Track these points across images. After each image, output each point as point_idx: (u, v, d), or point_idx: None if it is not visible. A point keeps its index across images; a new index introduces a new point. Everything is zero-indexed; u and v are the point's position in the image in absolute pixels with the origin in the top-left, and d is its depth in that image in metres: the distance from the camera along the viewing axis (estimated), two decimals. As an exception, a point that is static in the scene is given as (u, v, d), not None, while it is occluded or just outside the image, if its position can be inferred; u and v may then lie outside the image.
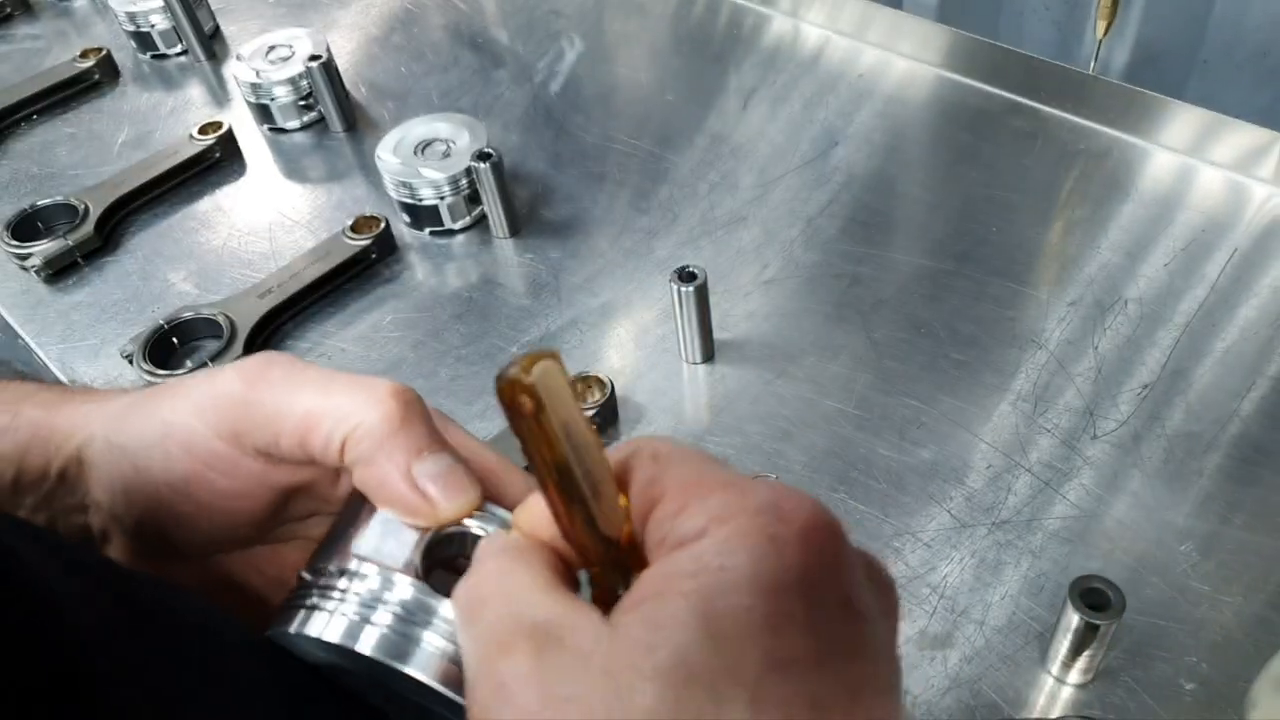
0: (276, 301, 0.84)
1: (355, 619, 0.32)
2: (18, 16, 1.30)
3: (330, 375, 0.35)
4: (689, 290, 0.72)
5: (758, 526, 0.26)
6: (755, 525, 0.26)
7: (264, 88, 1.04)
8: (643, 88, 1.06)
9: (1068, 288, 0.80)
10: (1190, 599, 0.61)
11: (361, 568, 0.32)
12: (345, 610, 0.32)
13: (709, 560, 0.26)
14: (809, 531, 0.26)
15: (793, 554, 0.26)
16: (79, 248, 0.92)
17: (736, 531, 0.26)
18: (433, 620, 0.31)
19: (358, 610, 0.32)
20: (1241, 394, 0.71)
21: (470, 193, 0.90)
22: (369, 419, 0.33)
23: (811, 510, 0.27)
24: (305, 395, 0.34)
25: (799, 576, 0.26)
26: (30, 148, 1.08)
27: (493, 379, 0.27)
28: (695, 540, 0.27)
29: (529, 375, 0.26)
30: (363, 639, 0.31)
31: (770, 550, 0.26)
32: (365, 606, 0.32)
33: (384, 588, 0.32)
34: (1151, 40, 0.98)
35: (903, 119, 0.98)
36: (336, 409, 0.33)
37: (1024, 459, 0.69)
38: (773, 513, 0.26)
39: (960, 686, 0.58)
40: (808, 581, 0.26)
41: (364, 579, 0.32)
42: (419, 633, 0.31)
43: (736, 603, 0.25)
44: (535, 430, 0.27)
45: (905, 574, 0.63)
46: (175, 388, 0.37)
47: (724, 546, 0.26)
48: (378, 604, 0.32)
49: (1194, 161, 0.88)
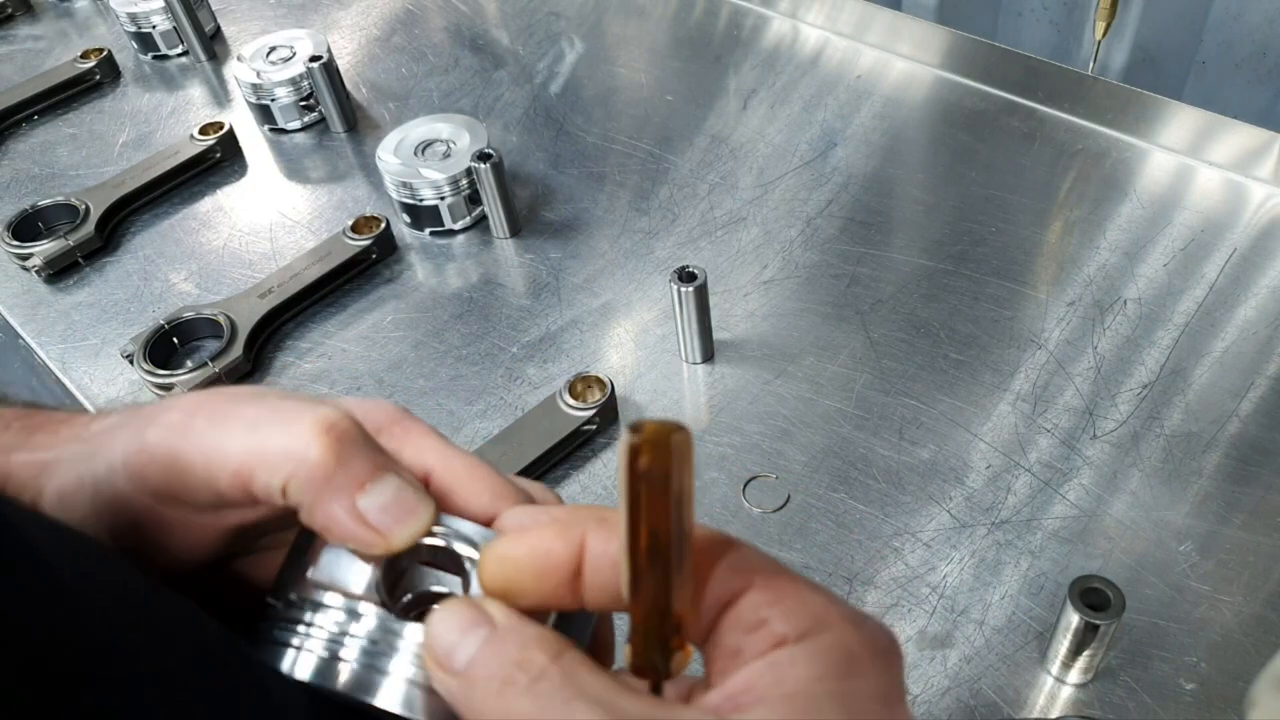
0: (277, 302, 0.84)
1: (323, 654, 0.31)
2: (19, 17, 1.30)
3: (257, 415, 0.32)
4: (689, 290, 0.73)
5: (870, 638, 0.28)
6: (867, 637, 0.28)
7: (265, 88, 1.04)
8: (643, 88, 1.07)
9: (1067, 288, 0.80)
10: (1190, 599, 0.61)
11: (324, 597, 0.32)
12: (311, 646, 0.31)
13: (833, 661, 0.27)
14: (895, 645, 0.29)
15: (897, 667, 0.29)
16: (80, 248, 0.92)
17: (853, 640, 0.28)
18: (399, 647, 0.31)
19: (324, 645, 0.31)
20: (1240, 394, 0.71)
21: (470, 193, 0.90)
22: (304, 461, 0.31)
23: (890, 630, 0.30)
24: (233, 443, 0.32)
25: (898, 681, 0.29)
26: (31, 148, 1.08)
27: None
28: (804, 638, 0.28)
29: (667, 443, 0.26)
30: (331, 675, 0.31)
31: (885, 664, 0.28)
32: (332, 641, 0.31)
33: (348, 619, 0.31)
34: (1150, 41, 0.98)
35: (901, 120, 0.98)
36: (268, 456, 0.31)
37: (1023, 459, 0.69)
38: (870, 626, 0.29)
39: (960, 686, 0.58)
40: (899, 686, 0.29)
41: (327, 610, 0.31)
42: (386, 663, 0.31)
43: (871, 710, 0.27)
44: (652, 494, 0.27)
45: (905, 574, 0.64)
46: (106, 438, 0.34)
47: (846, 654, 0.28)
48: (343, 636, 0.31)
49: (1192, 162, 0.88)
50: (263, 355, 0.83)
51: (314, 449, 0.31)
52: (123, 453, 0.33)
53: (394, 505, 0.31)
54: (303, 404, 0.33)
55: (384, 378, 0.80)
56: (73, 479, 0.34)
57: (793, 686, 0.27)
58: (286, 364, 0.82)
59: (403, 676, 0.31)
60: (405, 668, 0.30)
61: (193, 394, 0.35)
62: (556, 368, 0.79)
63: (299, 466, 0.31)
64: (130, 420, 0.34)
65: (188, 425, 0.33)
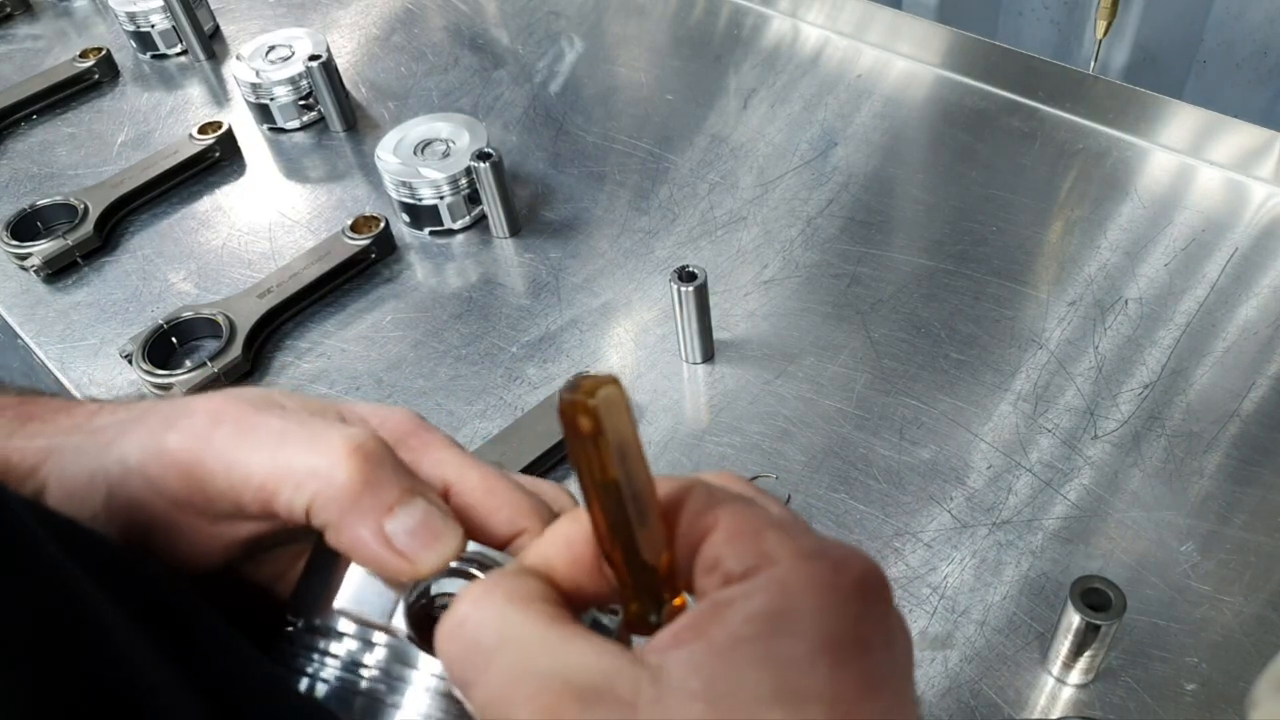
0: (276, 301, 0.84)
1: (337, 685, 0.31)
2: (18, 16, 1.30)
3: (283, 429, 0.32)
4: (689, 290, 0.72)
5: (815, 572, 0.26)
6: (813, 571, 0.26)
7: (264, 88, 1.04)
8: (643, 88, 1.06)
9: (1067, 287, 0.80)
10: (1190, 599, 0.61)
11: (342, 624, 0.31)
12: (327, 675, 0.31)
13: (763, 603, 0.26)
14: (868, 582, 0.27)
15: (856, 606, 0.26)
16: (78, 247, 0.92)
17: (794, 575, 0.26)
18: (416, 678, 0.31)
19: (340, 675, 0.31)
20: (1241, 394, 0.71)
21: (470, 193, 0.90)
22: (331, 482, 0.31)
23: (864, 560, 0.27)
24: (258, 458, 0.31)
25: (862, 628, 0.26)
26: (30, 147, 1.08)
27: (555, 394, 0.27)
28: (746, 576, 0.26)
29: (592, 398, 0.26)
30: (347, 704, 0.31)
31: (833, 602, 0.26)
32: (347, 670, 0.31)
33: (364, 648, 0.31)
34: (1150, 40, 0.98)
35: (902, 119, 0.98)
36: (293, 474, 0.31)
37: (1024, 459, 0.69)
38: (827, 559, 0.27)
39: (961, 687, 0.58)
40: (868, 634, 0.26)
41: (343, 638, 0.31)
42: (400, 698, 0.30)
43: (801, 654, 0.25)
44: (591, 451, 0.27)
45: (905, 574, 0.63)
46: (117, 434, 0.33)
47: (781, 589, 0.26)
48: (360, 665, 0.31)
49: (1193, 161, 0.88)
50: (262, 355, 0.83)
51: (341, 470, 0.30)
52: (140, 455, 0.32)
53: (422, 529, 0.31)
54: (329, 420, 0.32)
55: (383, 378, 0.80)
56: (83, 475, 0.33)
57: (719, 627, 0.26)
58: (286, 364, 0.82)
59: (418, 711, 0.30)
60: (421, 701, 0.30)
61: (214, 397, 0.34)
62: (556, 368, 0.79)
63: (326, 486, 0.30)
64: (145, 418, 0.34)
65: (211, 434, 0.32)
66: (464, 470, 0.34)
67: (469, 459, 0.35)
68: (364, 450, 0.31)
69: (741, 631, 0.25)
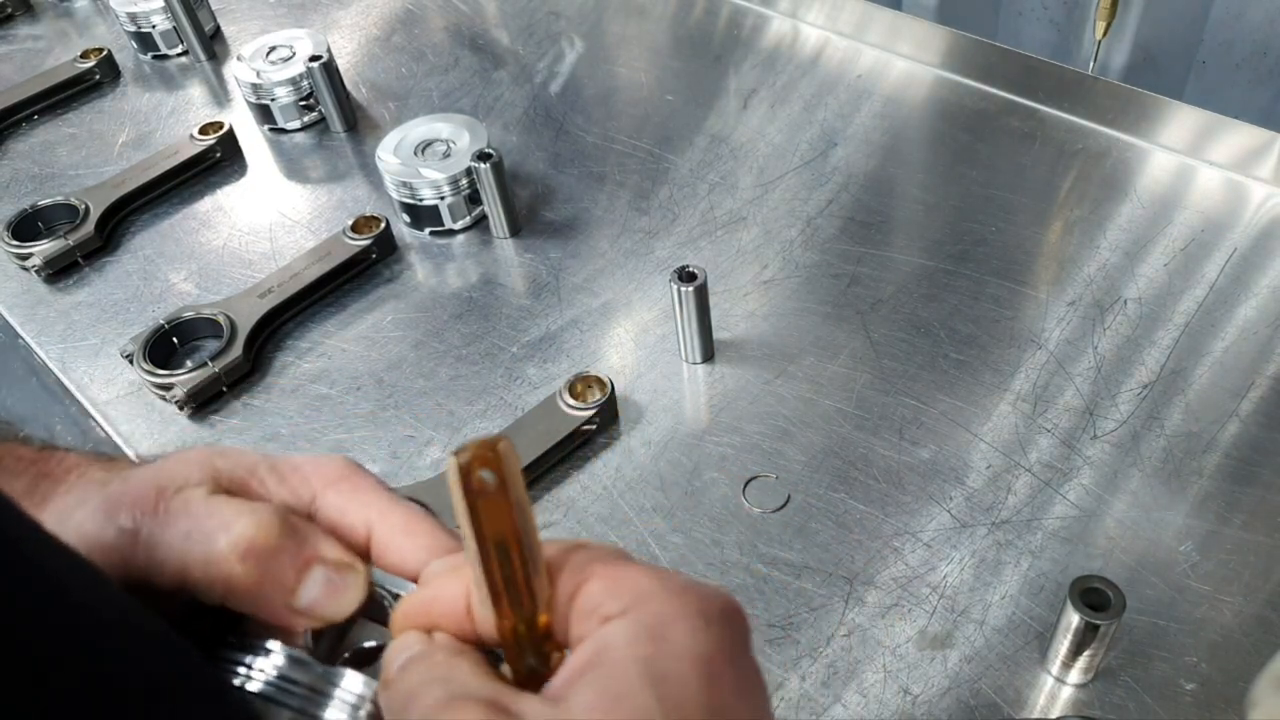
0: (277, 301, 0.84)
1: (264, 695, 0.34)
2: (19, 17, 1.30)
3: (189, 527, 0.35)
4: (689, 290, 0.73)
5: (686, 602, 0.31)
6: (684, 604, 0.30)
7: (265, 88, 1.04)
8: (643, 88, 1.06)
9: (1067, 288, 0.80)
10: (1190, 599, 0.61)
11: (268, 642, 0.35)
12: (252, 688, 0.34)
13: (643, 631, 0.30)
14: (729, 611, 0.32)
15: (720, 630, 0.31)
16: (79, 248, 0.92)
17: (668, 607, 0.30)
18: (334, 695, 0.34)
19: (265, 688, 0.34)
20: (1241, 394, 0.71)
21: (470, 193, 0.90)
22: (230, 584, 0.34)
23: (727, 596, 0.32)
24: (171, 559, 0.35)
25: (728, 648, 0.31)
26: (31, 148, 1.08)
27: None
28: (625, 614, 0.30)
29: (492, 453, 0.29)
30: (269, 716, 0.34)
31: (701, 625, 0.30)
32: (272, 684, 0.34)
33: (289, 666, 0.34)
34: (1150, 41, 0.98)
35: (902, 119, 0.98)
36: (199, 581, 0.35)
37: (1024, 459, 0.69)
38: (694, 593, 0.31)
39: (960, 686, 0.58)
40: (733, 653, 0.31)
41: (269, 654, 0.35)
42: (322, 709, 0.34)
43: (680, 670, 0.29)
44: (491, 507, 0.29)
45: (905, 574, 0.63)
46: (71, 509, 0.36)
47: (657, 618, 0.30)
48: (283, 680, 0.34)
49: (1193, 161, 0.88)
50: (262, 355, 0.83)
51: (236, 572, 0.34)
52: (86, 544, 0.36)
53: (325, 590, 0.35)
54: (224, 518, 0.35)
55: (383, 378, 0.80)
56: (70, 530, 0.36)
57: (607, 656, 0.30)
58: (286, 364, 0.82)
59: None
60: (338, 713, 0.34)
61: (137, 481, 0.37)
62: (556, 368, 0.79)
63: (230, 590, 0.35)
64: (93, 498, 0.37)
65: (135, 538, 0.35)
66: (386, 512, 0.38)
67: (393, 500, 0.38)
68: (254, 550, 0.34)
69: (627, 656, 0.29)
